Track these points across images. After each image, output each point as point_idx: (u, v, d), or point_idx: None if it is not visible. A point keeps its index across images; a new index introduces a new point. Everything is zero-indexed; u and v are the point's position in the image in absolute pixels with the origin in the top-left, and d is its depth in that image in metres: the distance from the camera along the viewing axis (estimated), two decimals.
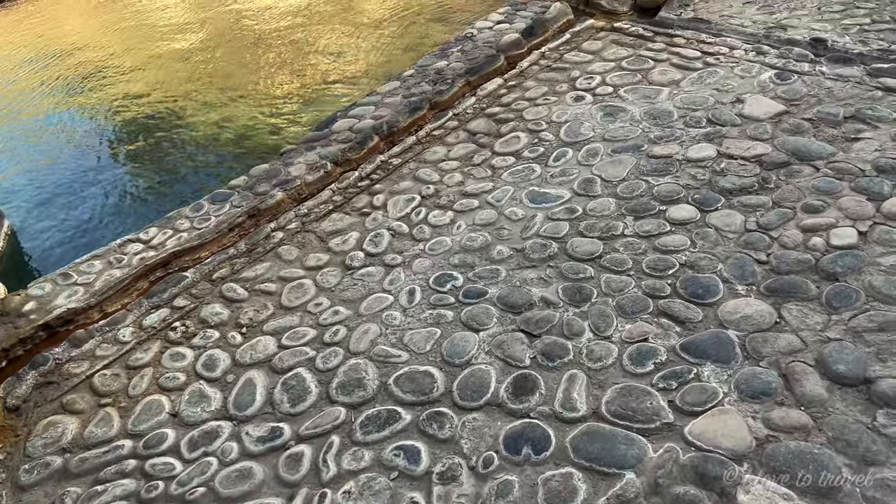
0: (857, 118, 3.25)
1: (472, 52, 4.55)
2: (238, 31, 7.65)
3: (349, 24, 7.25)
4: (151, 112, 6.41)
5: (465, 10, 7.05)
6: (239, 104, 6.29)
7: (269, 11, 7.93)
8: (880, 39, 3.85)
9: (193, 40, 7.67)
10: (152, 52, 7.60)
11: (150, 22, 8.47)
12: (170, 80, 6.89)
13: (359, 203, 3.47)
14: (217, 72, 6.98)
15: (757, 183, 2.99)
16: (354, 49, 6.89)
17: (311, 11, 7.75)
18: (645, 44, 4.37)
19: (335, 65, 6.42)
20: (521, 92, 4.14)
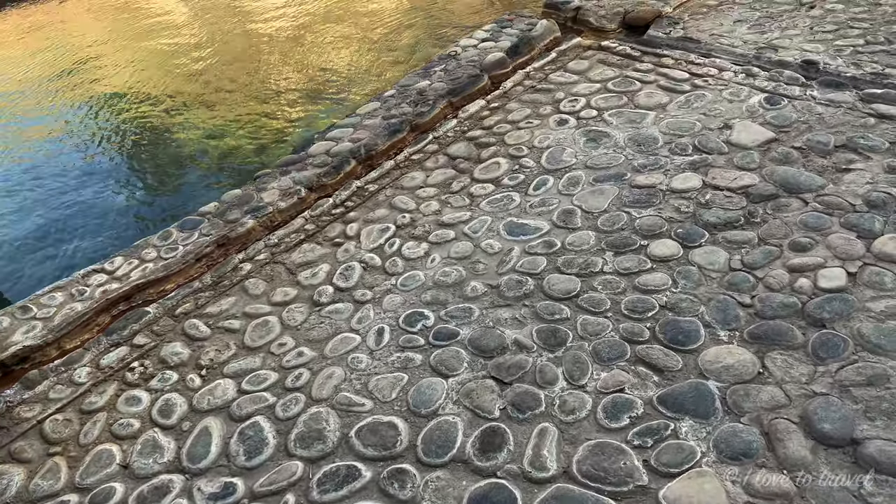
0: (848, 147, 3.13)
1: (456, 71, 4.43)
2: (232, 41, 7.53)
3: (341, 37, 7.14)
4: (134, 128, 6.29)
5: (455, 25, 6.94)
6: (227, 121, 6.16)
7: (260, 15, 7.82)
8: (874, 62, 3.73)
9: (192, 51, 7.56)
10: (134, 57, 7.48)
11: (133, 27, 8.36)
12: (157, 91, 6.77)
13: (332, 232, 3.34)
14: (208, 88, 6.87)
15: (743, 217, 2.86)
16: (345, 64, 6.76)
17: (316, 19, 7.64)
18: (632, 64, 4.25)
19: (326, 79, 6.30)
20: (503, 114, 4.01)
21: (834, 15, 4.34)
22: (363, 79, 6.41)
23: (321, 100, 6.24)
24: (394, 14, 7.40)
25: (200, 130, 6.08)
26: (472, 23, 6.72)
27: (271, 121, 6.06)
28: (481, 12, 7.02)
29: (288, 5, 8.33)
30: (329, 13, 7.88)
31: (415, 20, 7.19)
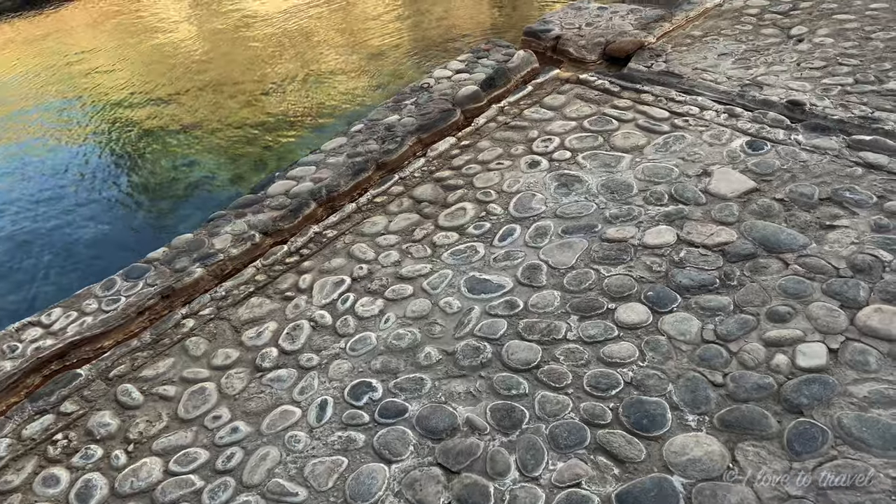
0: (833, 200, 2.92)
1: (427, 105, 4.23)
2: (210, 67, 7.33)
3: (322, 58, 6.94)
4: (106, 153, 6.08)
5: (441, 48, 6.75)
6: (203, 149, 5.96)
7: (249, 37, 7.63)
8: (863, 104, 3.53)
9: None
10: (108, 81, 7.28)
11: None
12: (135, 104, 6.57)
13: (283, 284, 3.13)
14: (184, 111, 6.67)
15: (718, 279, 2.65)
16: (327, 88, 6.57)
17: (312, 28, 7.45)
18: (611, 100, 4.05)
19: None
20: (474, 153, 3.81)
21: (822, 49, 4.15)
22: (344, 103, 6.22)
23: (301, 126, 6.04)
24: (379, 35, 7.21)
25: (175, 157, 5.87)
26: (459, 46, 6.53)
27: (248, 147, 5.85)
28: (469, 36, 6.84)
29: (273, 26, 8.14)
30: (311, 33, 7.69)
31: (401, 40, 6.99)
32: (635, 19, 4.93)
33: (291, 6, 8.53)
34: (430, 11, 7.58)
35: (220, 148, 5.93)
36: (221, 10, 9.06)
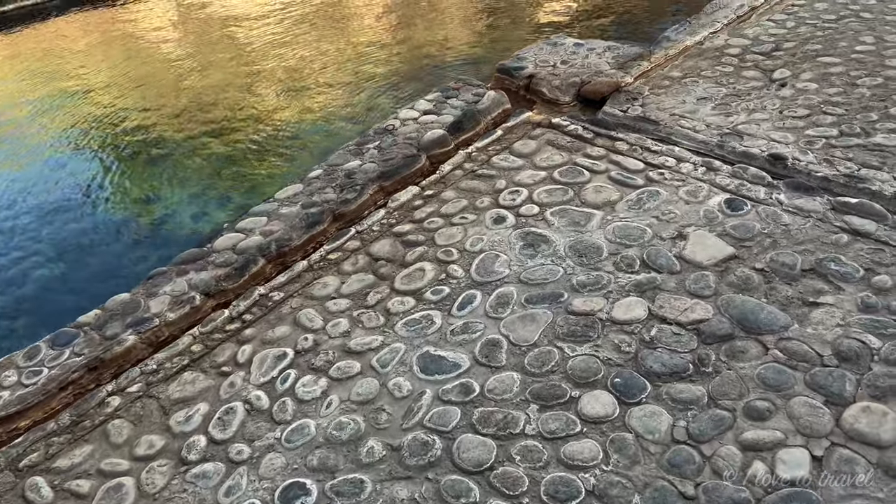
0: (817, 272, 2.70)
1: (390, 150, 3.98)
2: (183, 93, 7.05)
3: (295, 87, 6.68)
4: (64, 188, 5.78)
5: (416, 79, 6.52)
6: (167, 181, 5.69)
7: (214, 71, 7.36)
8: (848, 159, 3.32)
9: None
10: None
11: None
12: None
13: (221, 356, 2.86)
14: (148, 140, 6.39)
15: (692, 364, 2.41)
16: (296, 119, 6.31)
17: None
18: (584, 147, 3.82)
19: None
20: (437, 205, 3.57)
21: (807, 96, 3.94)
22: (315, 135, 5.97)
23: (271, 159, 5.78)
24: (357, 62, 6.97)
25: (139, 190, 5.59)
26: (434, 75, 6.30)
27: (214, 180, 5.58)
28: (446, 67, 6.61)
29: (254, 49, 7.89)
30: (290, 59, 7.43)
31: (377, 70, 6.76)
32: (612, 57, 4.72)
33: (274, 31, 8.28)
34: (410, 40, 7.36)
35: (185, 181, 5.65)
36: (204, 32, 8.81)
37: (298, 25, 8.06)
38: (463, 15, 7.50)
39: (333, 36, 7.65)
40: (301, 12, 8.47)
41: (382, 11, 8.15)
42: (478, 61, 6.62)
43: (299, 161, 5.61)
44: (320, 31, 7.83)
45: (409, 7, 8.04)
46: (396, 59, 6.78)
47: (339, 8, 8.43)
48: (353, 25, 7.80)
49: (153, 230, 5.07)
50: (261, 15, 8.57)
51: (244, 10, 8.92)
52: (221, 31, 8.36)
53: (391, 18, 7.86)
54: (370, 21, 7.89)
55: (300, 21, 8.18)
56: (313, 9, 8.51)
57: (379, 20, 7.88)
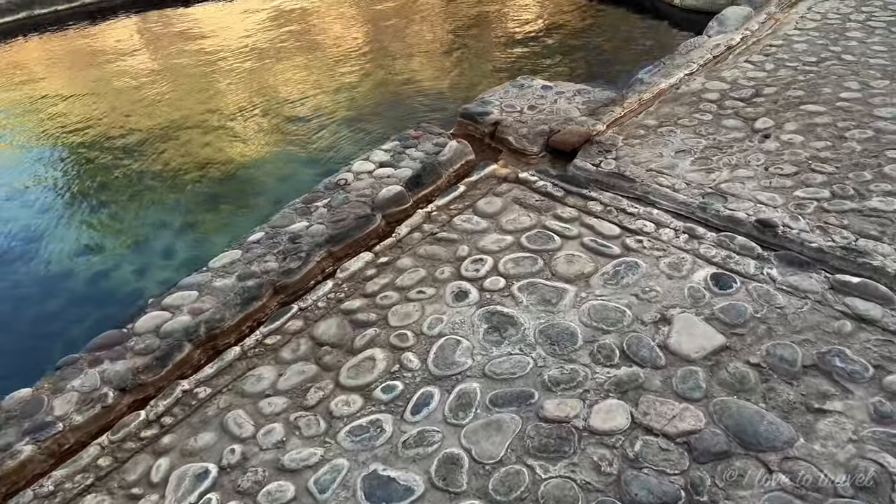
0: (820, 370, 2.35)
1: (341, 209, 3.58)
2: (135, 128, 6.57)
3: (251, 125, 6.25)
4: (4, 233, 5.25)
5: (379, 116, 6.13)
6: (111, 230, 5.20)
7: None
8: (843, 226, 3.01)
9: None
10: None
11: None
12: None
13: (133, 472, 2.42)
14: (90, 183, 5.90)
15: (684, 490, 2.04)
16: (254, 160, 5.88)
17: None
18: (554, 207, 3.46)
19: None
20: (392, 275, 3.17)
21: (792, 150, 3.64)
22: (271, 180, 5.54)
23: (223, 206, 5.33)
24: (313, 101, 6.56)
25: (80, 240, 5.10)
26: (394, 119, 5.92)
27: (160, 231, 5.12)
28: (410, 107, 6.24)
29: (216, 80, 7.44)
30: (249, 91, 7.00)
31: (339, 106, 6.35)
32: (583, 102, 4.39)
33: (233, 64, 7.84)
34: (374, 74, 6.98)
35: (129, 230, 5.18)
36: (154, 63, 8.33)
37: (260, 59, 7.64)
38: (429, 50, 7.16)
39: (296, 71, 7.25)
40: (265, 45, 8.05)
41: (347, 44, 7.78)
42: (443, 97, 6.27)
43: (252, 209, 5.19)
44: (283, 65, 7.43)
45: (375, 41, 7.68)
46: (360, 95, 6.40)
47: (302, 43, 8.02)
48: (317, 60, 7.41)
49: (92, 286, 4.60)
50: (217, 49, 8.13)
51: (200, 46, 8.48)
52: (174, 63, 7.91)
53: (356, 51, 7.49)
54: (334, 53, 7.51)
55: (262, 55, 7.76)
56: (276, 42, 8.10)
57: (343, 53, 7.50)
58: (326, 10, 8.79)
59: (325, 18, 8.42)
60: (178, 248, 4.88)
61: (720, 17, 5.35)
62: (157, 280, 4.48)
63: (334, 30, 8.01)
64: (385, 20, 8.16)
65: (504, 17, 7.73)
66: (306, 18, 8.52)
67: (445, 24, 7.75)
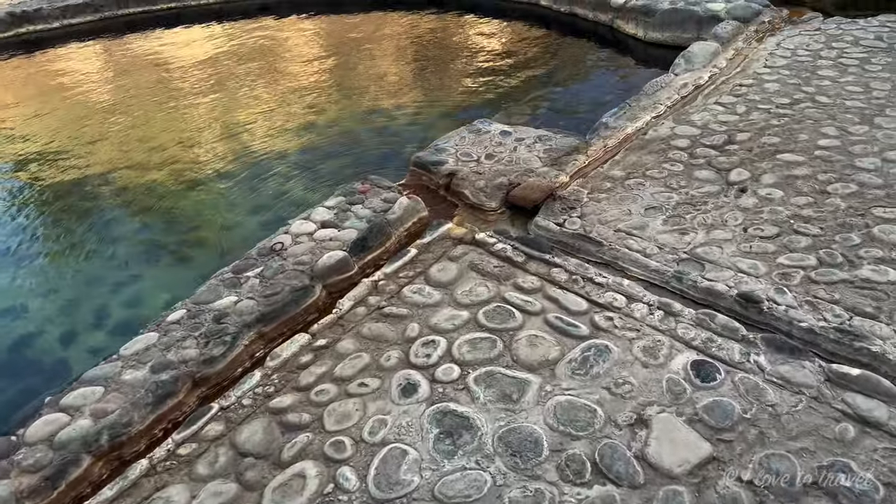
0: (823, 490, 2.00)
1: (276, 280, 3.16)
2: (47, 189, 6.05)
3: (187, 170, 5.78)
4: None
5: (331, 158, 5.71)
6: (37, 290, 4.70)
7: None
8: (835, 301, 2.69)
9: None
10: None
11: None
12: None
13: None
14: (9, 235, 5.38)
15: None
16: (192, 213, 5.42)
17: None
18: (514, 275, 3.10)
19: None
20: (331, 362, 2.76)
21: (772, 207, 3.33)
22: (215, 228, 5.09)
23: (157, 263, 4.87)
24: (264, 141, 6.12)
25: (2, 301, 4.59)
26: (352, 166, 5.51)
27: (89, 289, 4.63)
28: (363, 149, 5.85)
29: (165, 118, 6.96)
30: (200, 129, 6.54)
31: (289, 144, 5.93)
32: (544, 151, 4.06)
33: (180, 98, 7.38)
34: (328, 111, 6.57)
35: (57, 286, 4.67)
36: (90, 96, 7.81)
37: (210, 94, 7.19)
38: (387, 86, 6.79)
39: (248, 108, 6.81)
40: (216, 79, 7.60)
41: (303, 78, 7.36)
42: (400, 138, 5.89)
43: (195, 262, 4.75)
44: (233, 101, 6.99)
45: (331, 76, 7.28)
46: (313, 134, 5.98)
47: (255, 78, 7.58)
48: (269, 96, 6.98)
49: (12, 355, 4.10)
50: (163, 83, 7.67)
51: (145, 80, 8.00)
52: (115, 98, 7.41)
53: (311, 86, 7.08)
54: (288, 88, 7.09)
55: (212, 89, 7.31)
56: (228, 77, 7.65)
57: (297, 88, 7.08)
58: (281, 45, 8.39)
59: (279, 53, 8.02)
60: (113, 308, 4.41)
61: (687, 55, 5.08)
62: (85, 347, 4.03)
63: (289, 64, 7.62)
64: (343, 54, 7.79)
65: (466, 50, 7.42)
66: (261, 53, 8.11)
67: (405, 58, 7.41)
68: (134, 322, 3.94)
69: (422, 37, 7.96)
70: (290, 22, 8.96)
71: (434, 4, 8.64)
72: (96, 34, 9.23)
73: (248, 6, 9.23)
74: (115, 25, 9.37)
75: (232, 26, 9.01)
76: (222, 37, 8.67)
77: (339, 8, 9.12)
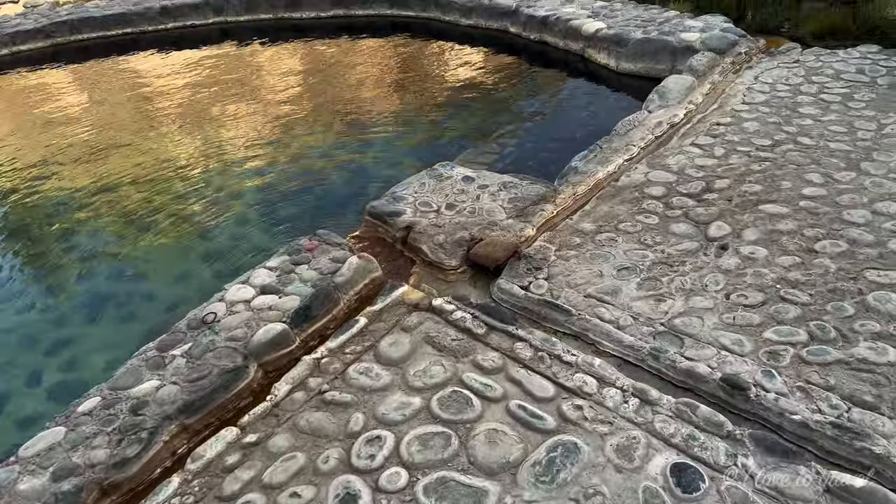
0: None
1: (205, 359, 2.79)
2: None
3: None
4: None
5: (293, 200, 5.35)
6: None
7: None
8: (829, 387, 2.38)
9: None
10: None
11: None
12: None
13: None
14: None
15: None
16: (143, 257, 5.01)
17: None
18: (473, 350, 2.76)
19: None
20: (262, 463, 2.39)
21: (755, 269, 3.03)
22: (162, 280, 4.70)
23: (97, 323, 4.46)
24: (219, 177, 5.74)
25: None
26: (308, 210, 5.16)
27: (26, 356, 4.23)
28: (323, 190, 5.49)
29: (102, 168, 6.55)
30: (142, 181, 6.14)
31: (245, 189, 5.55)
32: (509, 200, 3.73)
33: (131, 137, 6.98)
34: (290, 147, 6.20)
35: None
36: (32, 128, 7.38)
37: (161, 128, 6.78)
38: (351, 119, 6.44)
39: (203, 142, 6.42)
40: (171, 111, 7.21)
41: (263, 111, 6.99)
42: (361, 179, 5.53)
43: (140, 319, 4.38)
44: (188, 136, 6.59)
45: (293, 109, 6.91)
46: (272, 173, 5.62)
47: (213, 110, 7.20)
48: (227, 130, 6.60)
49: None
50: (114, 115, 7.27)
51: (102, 108, 7.60)
52: (68, 129, 6.98)
53: (271, 120, 6.71)
54: (247, 122, 6.71)
55: (166, 121, 6.91)
56: (184, 108, 7.27)
57: (257, 121, 6.71)
58: (241, 74, 8.02)
59: (239, 82, 7.65)
60: (47, 373, 4.02)
61: (661, 90, 4.80)
62: (14, 419, 3.63)
63: (249, 95, 7.25)
64: (305, 85, 7.45)
65: (433, 80, 7.10)
66: (220, 83, 7.73)
67: (369, 89, 7.08)
68: (74, 387, 3.59)
69: (388, 65, 7.65)
70: (252, 49, 8.61)
71: (400, 30, 8.33)
72: (48, 60, 8.80)
73: (207, 32, 8.87)
74: (67, 52, 8.96)
75: (192, 54, 8.64)
76: (180, 65, 8.29)
77: (301, 33, 8.79)
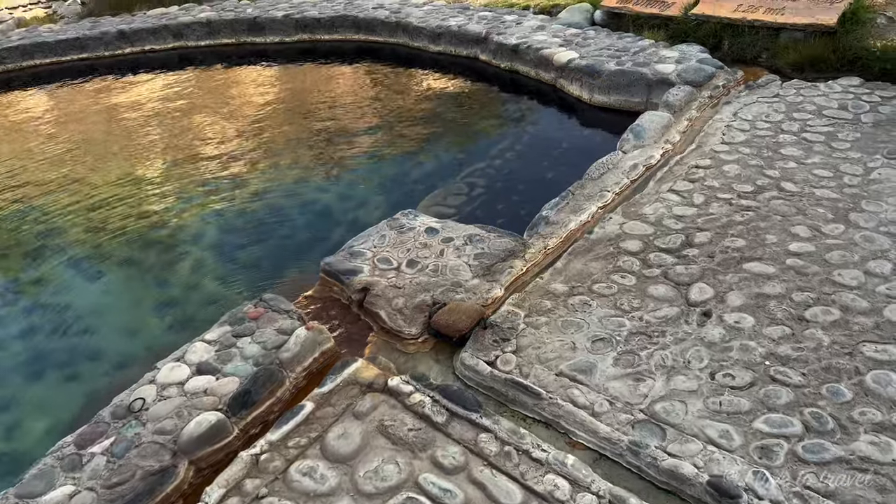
0: None
1: (127, 457, 2.45)
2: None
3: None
4: None
5: (252, 243, 4.99)
6: None
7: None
8: (830, 494, 2.12)
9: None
10: None
11: None
12: None
13: None
14: None
15: None
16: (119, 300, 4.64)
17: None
18: (433, 443, 2.45)
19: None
20: None
21: (742, 341, 2.76)
22: (109, 338, 4.33)
23: (45, 375, 4.10)
24: (175, 219, 5.37)
25: None
26: (266, 257, 4.81)
27: None
28: (280, 236, 5.15)
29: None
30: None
31: (205, 230, 5.20)
32: (475, 256, 3.44)
33: (84, 173, 6.59)
34: (249, 185, 5.85)
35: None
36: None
37: (114, 160, 6.40)
38: (317, 155, 6.11)
39: (159, 180, 6.05)
40: (123, 141, 6.82)
41: (225, 146, 6.63)
42: (327, 213, 5.20)
43: (84, 379, 4.05)
44: (143, 167, 6.22)
45: (258, 145, 6.55)
46: (233, 211, 5.26)
47: (171, 145, 6.83)
48: (186, 166, 6.24)
49: None
50: (56, 147, 6.87)
51: (49, 143, 7.19)
52: (12, 164, 6.58)
53: (234, 155, 6.36)
54: (206, 156, 6.35)
55: (119, 153, 6.53)
56: (136, 139, 6.88)
57: (218, 155, 6.34)
58: (201, 102, 7.66)
59: (199, 112, 7.29)
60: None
61: (636, 129, 4.54)
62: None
63: (209, 125, 6.89)
64: (268, 114, 7.11)
65: (400, 112, 6.79)
66: (178, 112, 7.36)
67: (335, 119, 6.75)
68: (5, 461, 3.27)
69: (354, 94, 7.34)
70: (213, 74, 8.26)
71: (367, 55, 8.04)
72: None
73: (166, 58, 8.51)
74: (20, 78, 8.55)
75: (150, 79, 8.27)
76: (136, 92, 7.92)
77: (264, 58, 8.47)
